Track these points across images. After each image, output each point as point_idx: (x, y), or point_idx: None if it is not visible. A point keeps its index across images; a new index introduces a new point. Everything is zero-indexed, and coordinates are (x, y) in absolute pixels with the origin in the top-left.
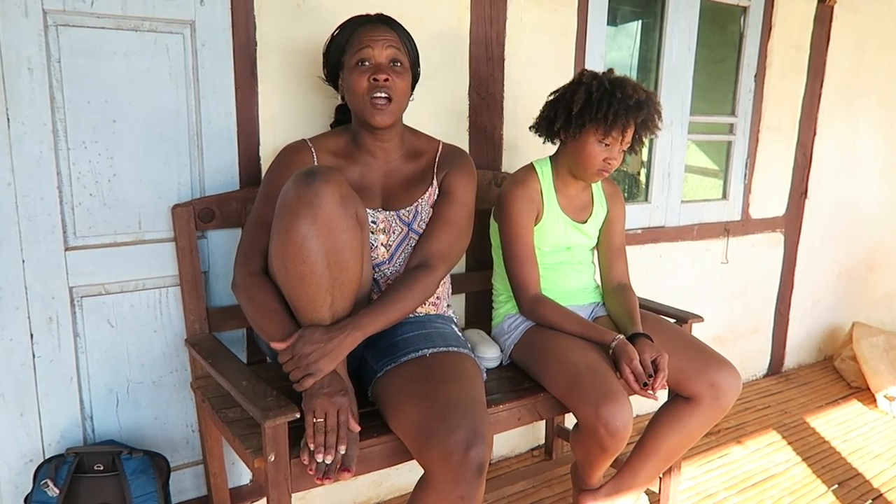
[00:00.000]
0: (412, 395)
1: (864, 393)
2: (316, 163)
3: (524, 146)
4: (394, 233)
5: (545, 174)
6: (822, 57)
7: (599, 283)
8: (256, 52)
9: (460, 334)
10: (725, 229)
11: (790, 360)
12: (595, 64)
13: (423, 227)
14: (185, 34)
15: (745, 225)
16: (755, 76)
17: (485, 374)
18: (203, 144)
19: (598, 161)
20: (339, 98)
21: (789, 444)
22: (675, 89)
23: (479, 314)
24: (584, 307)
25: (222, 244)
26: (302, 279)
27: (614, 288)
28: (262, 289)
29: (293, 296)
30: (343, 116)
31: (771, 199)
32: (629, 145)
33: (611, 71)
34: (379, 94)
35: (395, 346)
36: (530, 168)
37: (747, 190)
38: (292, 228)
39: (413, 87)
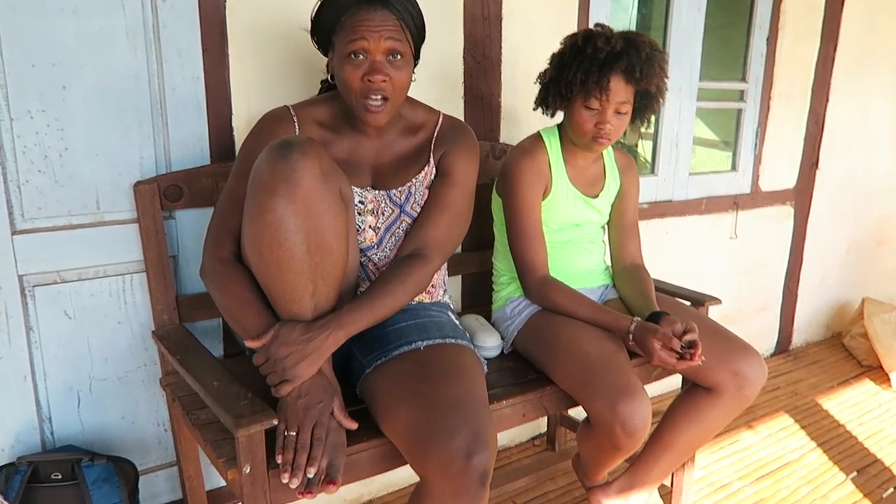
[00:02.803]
0: (406, 395)
1: (876, 372)
2: (298, 133)
3: (524, 114)
4: (383, 214)
5: (553, 144)
6: (837, 19)
7: (609, 264)
8: (226, 7)
9: (458, 323)
10: (735, 203)
11: (798, 338)
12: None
13: (417, 209)
14: None
15: (755, 198)
16: (767, 39)
17: (485, 367)
18: (167, 114)
19: (588, 127)
20: (327, 74)
21: (802, 428)
22: (683, 54)
23: (477, 298)
24: (593, 290)
25: (192, 225)
26: (279, 265)
27: (626, 268)
28: (235, 277)
29: (270, 285)
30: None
31: (781, 171)
32: (631, 107)
33: (598, 25)
34: (374, 97)
35: (386, 337)
36: (537, 137)
37: (757, 161)
38: (267, 208)
39: (416, 62)
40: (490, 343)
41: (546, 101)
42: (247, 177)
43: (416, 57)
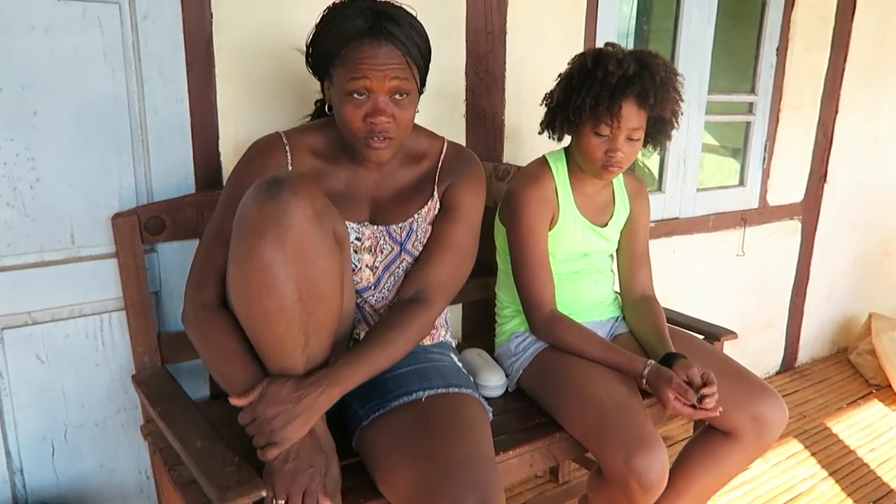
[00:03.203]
0: (407, 454)
1: (885, 391)
2: (290, 163)
3: (529, 133)
4: (382, 252)
5: (560, 170)
6: (847, 27)
7: (618, 294)
8: (212, 23)
9: (461, 366)
10: (742, 219)
11: (803, 355)
12: (608, 36)
13: (419, 248)
14: (122, 4)
15: (763, 213)
16: (777, 49)
17: (490, 415)
18: (149, 139)
19: (598, 155)
20: (324, 96)
21: (813, 455)
22: (692, 66)
23: (479, 326)
24: (602, 323)
25: (176, 259)
26: (268, 316)
27: (637, 300)
28: (219, 325)
29: (258, 337)
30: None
31: (789, 185)
32: (644, 133)
33: (608, 44)
34: (376, 139)
35: (384, 385)
36: (543, 162)
37: (766, 175)
38: (254, 253)
39: (422, 91)
40: (494, 382)
41: (553, 125)
42: (234, 211)
43: (422, 87)
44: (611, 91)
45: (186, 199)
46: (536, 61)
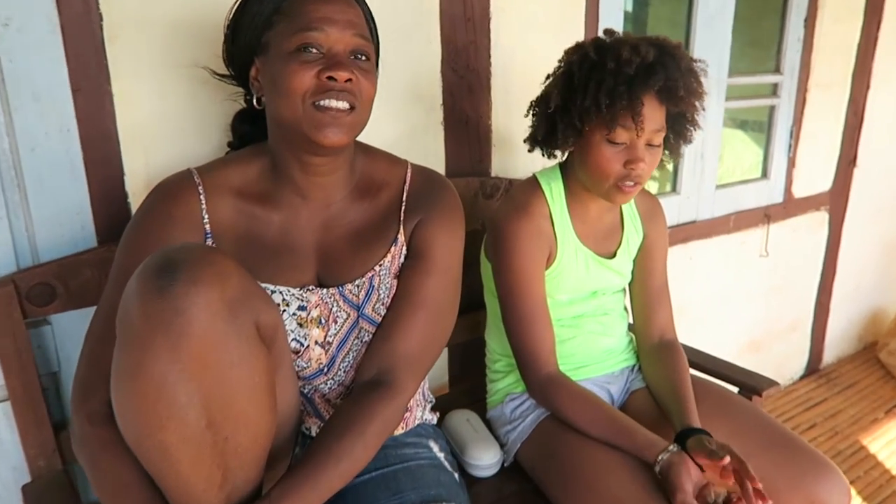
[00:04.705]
0: None
1: None
2: (205, 210)
3: (521, 139)
4: (336, 322)
5: (555, 192)
6: None
7: (633, 336)
8: (102, 28)
9: (443, 456)
10: (765, 215)
11: (829, 355)
12: (613, 19)
13: (381, 310)
14: None
15: (788, 207)
16: (805, 20)
17: None
18: (26, 183)
19: (614, 168)
20: (252, 99)
21: (852, 483)
22: (710, 45)
23: (468, 370)
24: (616, 376)
25: (78, 329)
26: (166, 453)
27: (654, 347)
28: (110, 446)
29: (157, 476)
30: (250, 130)
31: (817, 172)
32: (664, 135)
33: (607, 33)
34: (337, 104)
35: (342, 500)
36: (533, 184)
37: (791, 164)
38: (140, 371)
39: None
40: (486, 460)
41: (552, 138)
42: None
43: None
44: (629, 83)
45: (84, 257)
46: (528, 52)
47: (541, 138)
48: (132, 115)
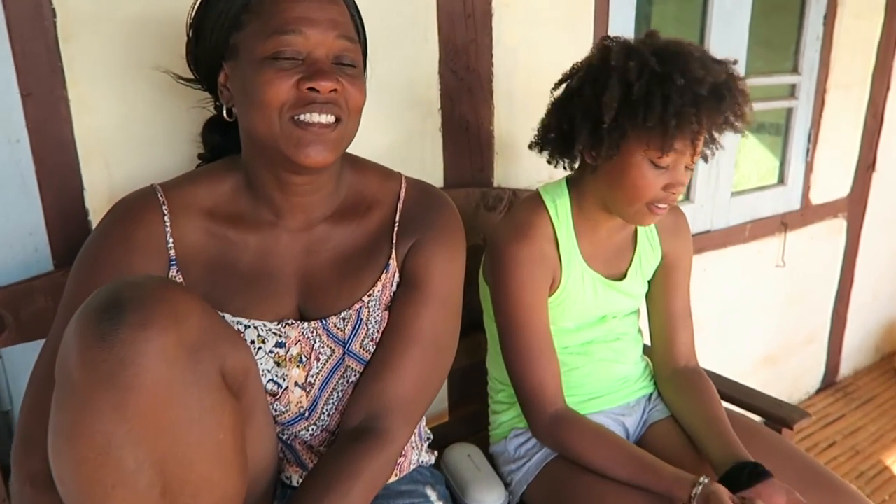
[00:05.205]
0: None
1: None
2: (170, 233)
3: (524, 145)
4: (319, 360)
5: (561, 210)
6: None
7: (648, 361)
8: (56, 26)
9: None
10: (782, 223)
11: (846, 367)
12: (625, 16)
13: (370, 347)
14: None
15: (805, 214)
16: (825, 18)
17: None
18: None
19: (653, 191)
20: (221, 107)
21: None
22: (726, 44)
23: (469, 397)
24: (631, 406)
25: (32, 364)
26: None
27: (677, 373)
28: None
29: None
30: (222, 140)
31: (835, 177)
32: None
33: (651, 36)
34: (320, 118)
35: None
36: (536, 202)
37: (809, 169)
38: (80, 431)
39: None
40: (489, 502)
41: (569, 147)
42: None
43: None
44: (697, 106)
45: (38, 283)
46: (533, 51)
47: (559, 147)
48: (91, 123)
